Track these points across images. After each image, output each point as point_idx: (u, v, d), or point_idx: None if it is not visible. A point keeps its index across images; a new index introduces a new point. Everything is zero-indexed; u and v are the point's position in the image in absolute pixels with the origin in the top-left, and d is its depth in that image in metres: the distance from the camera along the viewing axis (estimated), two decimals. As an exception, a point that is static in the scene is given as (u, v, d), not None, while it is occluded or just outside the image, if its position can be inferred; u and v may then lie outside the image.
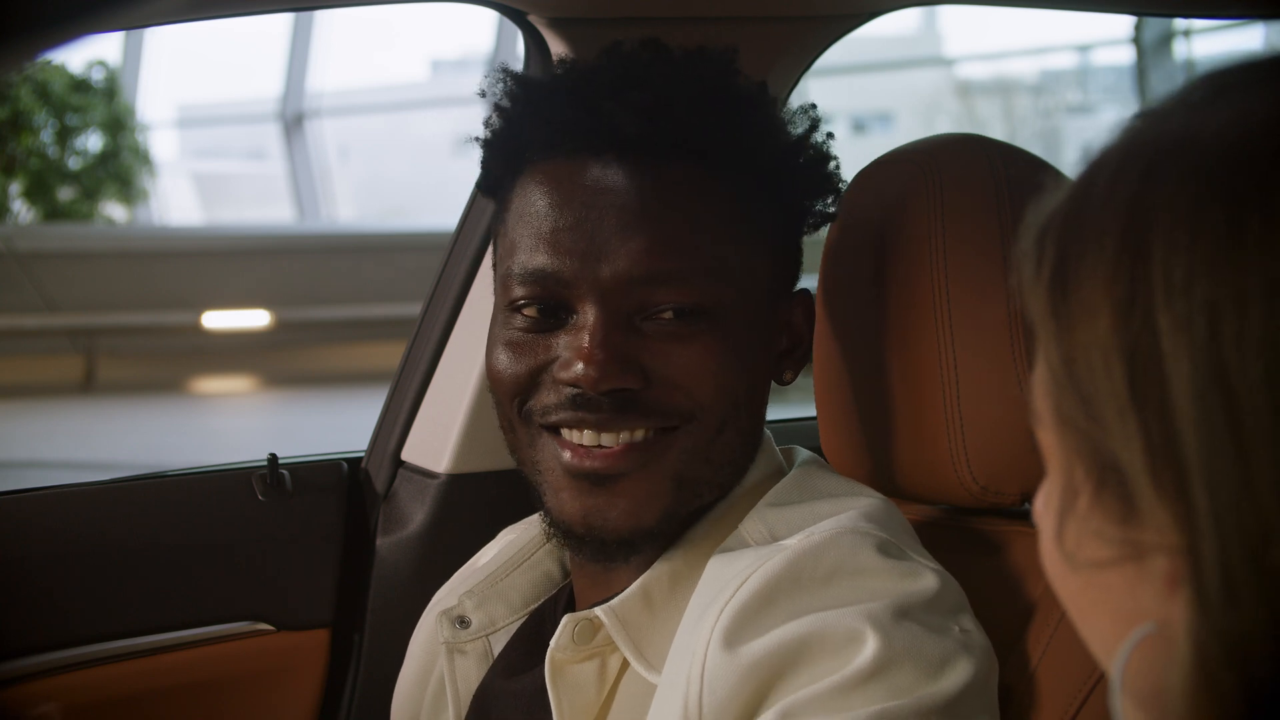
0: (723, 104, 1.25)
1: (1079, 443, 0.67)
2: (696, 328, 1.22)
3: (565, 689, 1.23)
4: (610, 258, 1.21)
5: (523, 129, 1.27)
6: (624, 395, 1.21)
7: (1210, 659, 0.61)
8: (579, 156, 1.23)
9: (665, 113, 1.22)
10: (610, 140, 1.22)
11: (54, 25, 0.74)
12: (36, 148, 11.34)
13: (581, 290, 1.21)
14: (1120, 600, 0.67)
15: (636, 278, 1.21)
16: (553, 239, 1.22)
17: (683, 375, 1.22)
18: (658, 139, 1.22)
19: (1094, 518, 0.67)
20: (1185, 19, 7.24)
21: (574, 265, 1.21)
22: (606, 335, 1.20)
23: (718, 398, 1.23)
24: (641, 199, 1.21)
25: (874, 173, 1.42)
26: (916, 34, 20.66)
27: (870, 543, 1.17)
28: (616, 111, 1.22)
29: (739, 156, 1.25)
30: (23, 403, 9.46)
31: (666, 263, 1.21)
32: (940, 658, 1.10)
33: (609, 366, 1.20)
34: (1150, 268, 0.64)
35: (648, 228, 1.21)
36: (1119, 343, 0.64)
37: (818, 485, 1.28)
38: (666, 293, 1.21)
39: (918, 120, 18.65)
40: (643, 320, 1.22)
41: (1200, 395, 0.62)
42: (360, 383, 8.97)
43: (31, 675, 1.74)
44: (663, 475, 1.23)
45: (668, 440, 1.23)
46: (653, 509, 1.23)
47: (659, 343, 1.22)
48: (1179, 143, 0.66)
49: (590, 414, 1.21)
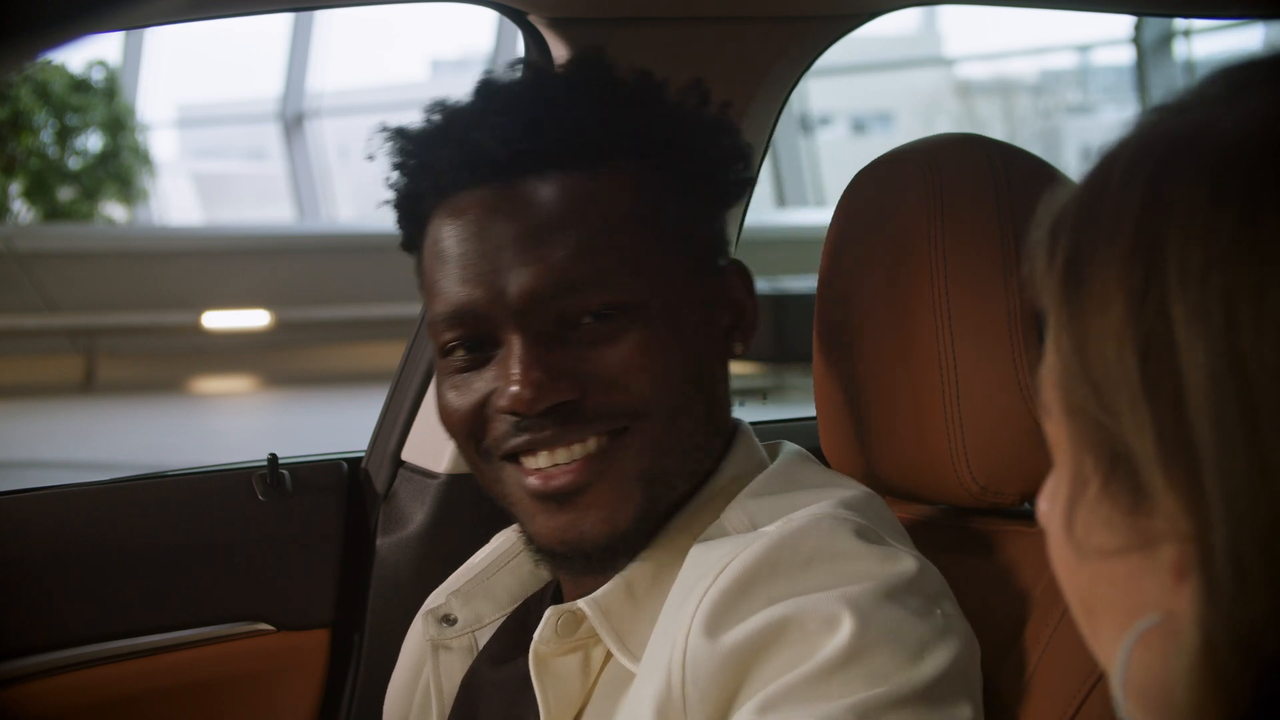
0: (593, 105, 1.27)
1: (1089, 432, 0.67)
2: (620, 325, 1.23)
3: (550, 681, 1.24)
4: (516, 279, 1.22)
5: (416, 179, 1.30)
6: (564, 408, 1.22)
7: (1219, 648, 0.61)
8: (467, 191, 1.25)
9: (532, 130, 1.24)
10: (488, 169, 1.24)
11: (54, 25, 0.74)
12: (36, 148, 11.34)
13: (499, 317, 1.23)
14: (1125, 592, 0.67)
15: (545, 293, 1.22)
16: (461, 275, 1.24)
17: (618, 374, 1.22)
18: (530, 156, 1.24)
19: (1103, 507, 0.67)
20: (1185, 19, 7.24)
21: (485, 295, 1.23)
22: (531, 354, 1.22)
23: (660, 389, 1.23)
24: (532, 216, 1.23)
25: (874, 172, 1.42)
26: (916, 34, 20.66)
27: (848, 528, 1.17)
28: (486, 140, 1.24)
29: (620, 152, 1.26)
30: (23, 403, 9.46)
31: (570, 272, 1.22)
32: (919, 642, 1.11)
33: (540, 385, 1.21)
34: (1165, 257, 0.64)
35: (546, 242, 1.22)
36: (1132, 331, 0.64)
37: (800, 477, 1.28)
38: (580, 299, 1.22)
39: (918, 120, 18.65)
40: (566, 331, 1.23)
41: (1214, 384, 0.62)
42: (360, 383, 8.97)
43: (31, 675, 1.74)
44: (627, 477, 1.23)
45: (622, 442, 1.23)
46: (626, 511, 1.24)
47: (587, 349, 1.23)
48: (1196, 135, 0.66)
49: (537, 435, 1.22)
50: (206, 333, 10.17)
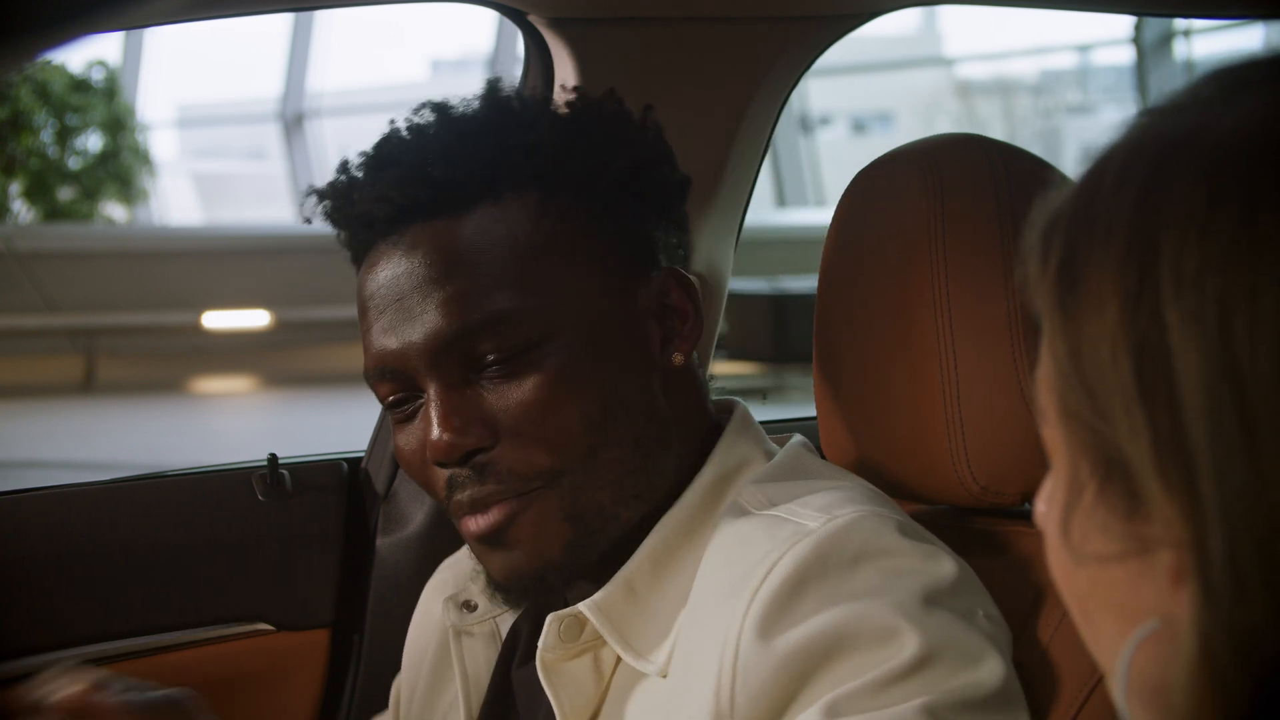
0: (479, 141, 1.26)
1: (1084, 437, 0.67)
2: (525, 364, 1.22)
3: (562, 687, 1.23)
4: (416, 335, 1.22)
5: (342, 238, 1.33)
6: (479, 459, 1.21)
7: (1216, 652, 0.61)
8: (368, 245, 1.28)
9: (409, 182, 1.24)
10: (379, 225, 1.26)
11: (54, 25, 0.74)
12: (36, 148, 11.34)
13: (413, 366, 1.23)
14: (1124, 597, 0.67)
15: (448, 339, 1.21)
16: (377, 331, 1.25)
17: (525, 421, 1.21)
18: (408, 209, 1.24)
19: (1099, 512, 0.67)
20: (1185, 19, 7.24)
21: (397, 346, 1.23)
22: (445, 401, 1.22)
23: (572, 426, 1.22)
24: (426, 264, 1.23)
25: (874, 173, 1.42)
26: (916, 34, 20.67)
27: (891, 524, 1.17)
28: (366, 200, 1.25)
29: (512, 182, 1.25)
30: (23, 403, 9.46)
31: (466, 316, 1.21)
32: (977, 647, 1.12)
33: (453, 432, 1.21)
34: (1160, 260, 0.63)
35: (441, 287, 1.22)
36: (1127, 335, 0.64)
37: (806, 466, 1.28)
38: (482, 343, 1.21)
39: (918, 120, 18.65)
40: (476, 374, 1.23)
41: (1209, 388, 0.61)
42: (360, 383, 8.96)
43: (32, 675, 1.73)
44: (550, 516, 1.23)
45: (541, 494, 1.22)
46: (554, 545, 1.23)
47: (497, 391, 1.22)
48: (1190, 137, 0.65)
49: (463, 493, 1.23)
50: (206, 333, 10.17)
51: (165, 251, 10.32)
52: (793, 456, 1.29)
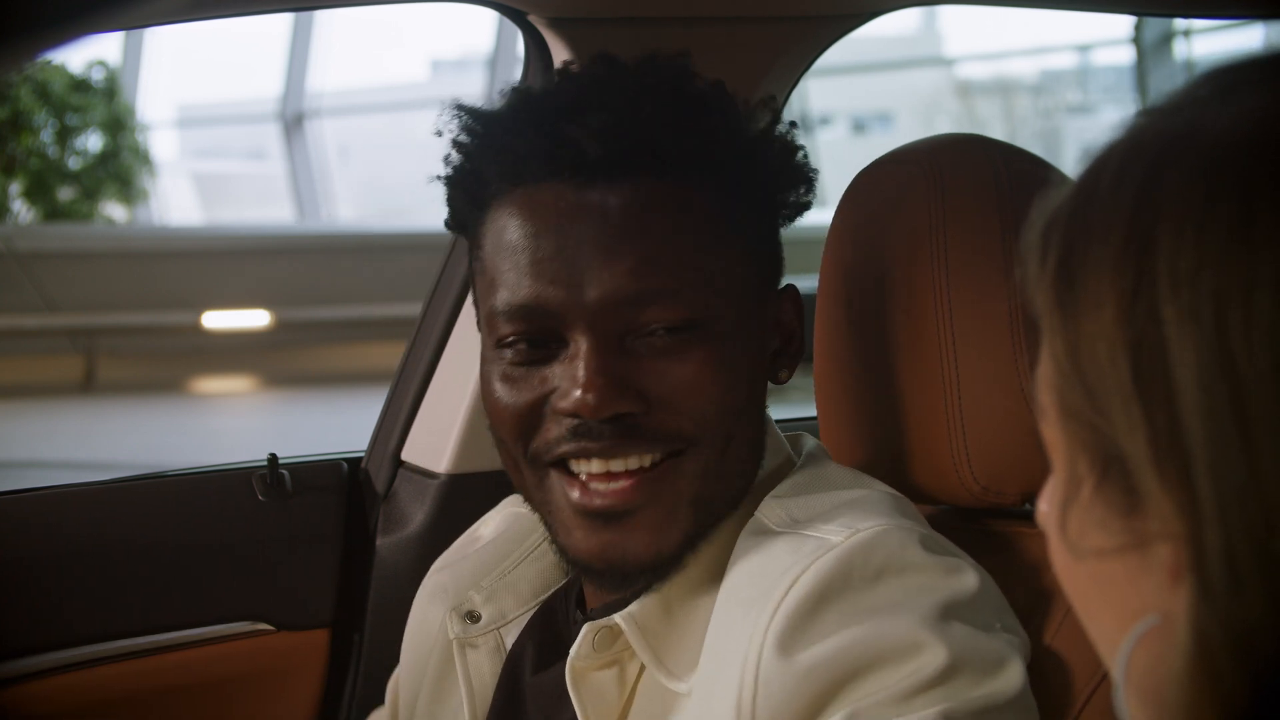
0: (681, 112, 1.24)
1: (1083, 434, 0.67)
2: (689, 342, 1.21)
3: (588, 695, 1.23)
4: (595, 283, 1.19)
5: (486, 161, 1.26)
6: (625, 421, 1.20)
7: (1213, 648, 0.61)
8: (547, 183, 1.22)
9: (627, 131, 1.21)
10: (576, 164, 1.21)
11: (54, 25, 0.74)
12: (36, 148, 11.33)
13: (570, 319, 1.20)
14: (1123, 593, 0.67)
15: (624, 300, 1.20)
16: (534, 271, 1.21)
17: (680, 395, 1.21)
18: (623, 158, 1.21)
19: (1096, 508, 0.67)
20: (1185, 19, 7.24)
21: (559, 294, 1.20)
22: (601, 361, 1.19)
23: (719, 413, 1.22)
24: (618, 219, 1.21)
25: (874, 173, 1.42)
26: (916, 34, 20.65)
27: (915, 539, 1.17)
28: (579, 135, 1.20)
29: (706, 163, 1.24)
30: (23, 403, 9.46)
31: (651, 281, 1.20)
32: (997, 658, 1.12)
33: (606, 392, 1.18)
34: (1156, 258, 0.64)
35: (629, 247, 1.20)
36: (1124, 333, 0.64)
37: (829, 476, 1.28)
38: (655, 311, 1.20)
39: (918, 120, 18.64)
40: (634, 341, 1.21)
41: (1205, 384, 0.62)
42: (360, 383, 8.97)
43: (31, 675, 1.74)
44: (678, 501, 1.21)
45: (676, 465, 1.21)
46: (673, 536, 1.22)
47: (653, 361, 1.21)
48: (1187, 136, 0.66)
49: (593, 443, 1.20)
50: (206, 333, 10.17)
51: (165, 251, 10.32)
52: (812, 468, 1.29)
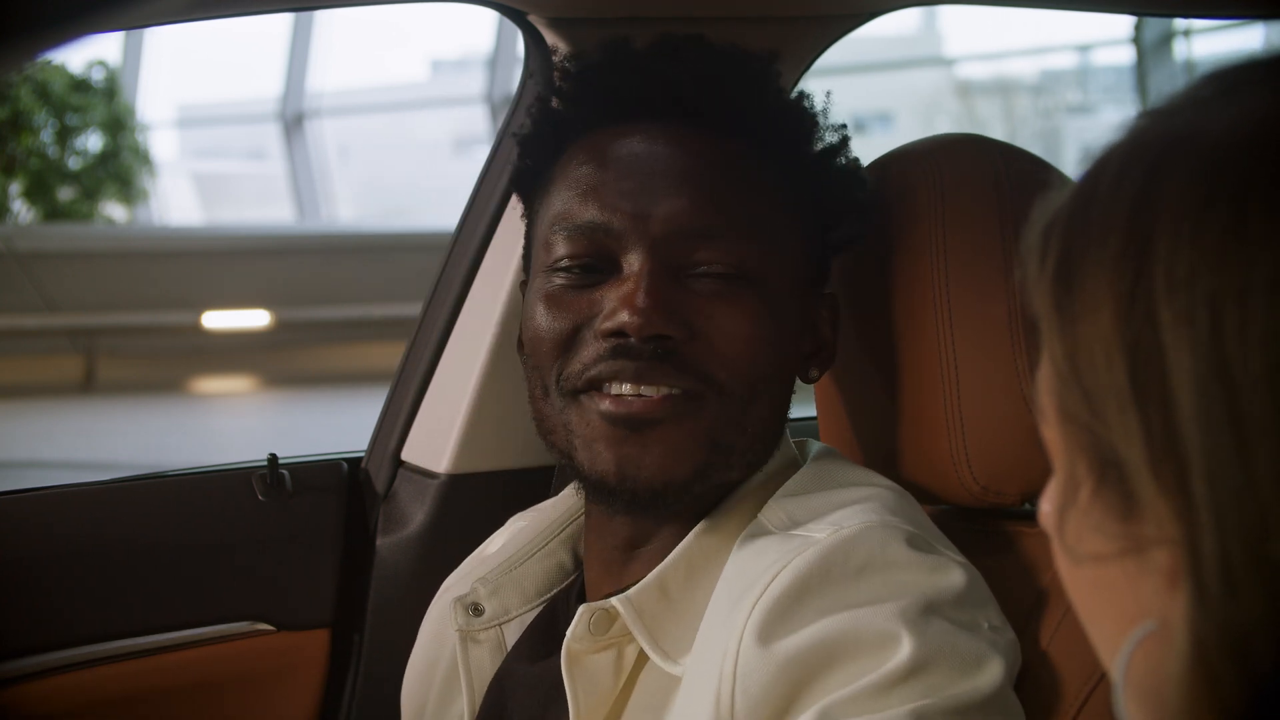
0: (774, 93, 1.31)
1: (1081, 438, 0.67)
2: (740, 291, 1.24)
3: (581, 679, 1.23)
4: (660, 210, 1.23)
5: (572, 106, 1.31)
6: (665, 345, 1.22)
7: (1210, 652, 0.61)
8: (629, 123, 1.27)
9: (724, 84, 1.27)
10: (669, 105, 1.27)
11: (54, 25, 0.74)
12: (36, 148, 11.33)
13: (630, 241, 1.23)
14: (1122, 598, 0.67)
15: (686, 231, 1.23)
16: (601, 193, 1.25)
17: (721, 336, 1.23)
18: (716, 107, 1.26)
19: (1094, 512, 0.67)
20: (1185, 19, 7.23)
21: (623, 217, 1.24)
22: (654, 283, 1.22)
23: (750, 365, 1.24)
24: (695, 160, 1.25)
25: (874, 173, 1.42)
26: (916, 34, 20.64)
27: (899, 536, 1.17)
28: (680, 78, 1.26)
29: (787, 144, 1.30)
30: (23, 403, 9.46)
31: (717, 219, 1.24)
32: (975, 656, 1.11)
33: (654, 313, 1.21)
34: (1153, 262, 0.64)
35: (699, 185, 1.24)
36: (1121, 337, 0.64)
37: (834, 475, 1.28)
38: (714, 250, 1.23)
39: (918, 120, 18.64)
40: (688, 276, 1.24)
41: (1201, 388, 0.62)
42: (360, 383, 8.97)
43: (31, 675, 1.74)
44: (697, 431, 1.23)
45: (702, 403, 1.23)
46: (686, 462, 1.23)
47: (703, 300, 1.23)
48: (1185, 139, 0.66)
49: (630, 362, 1.21)
50: (206, 333, 10.17)
51: (165, 251, 10.31)
52: (818, 467, 1.29)
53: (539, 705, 1.31)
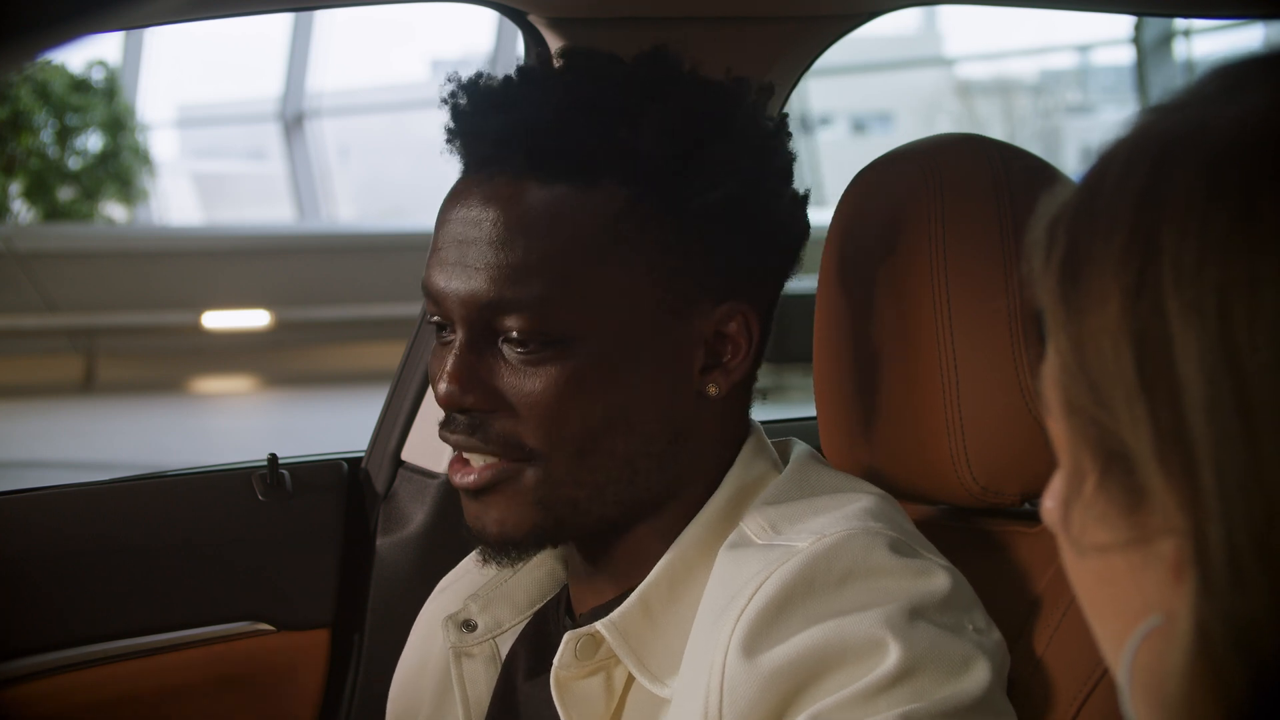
0: (593, 117, 1.21)
1: (1087, 430, 0.67)
2: (540, 357, 1.21)
3: (573, 704, 1.23)
4: (464, 280, 1.22)
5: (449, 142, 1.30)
6: (476, 417, 1.23)
7: (1215, 642, 0.61)
8: (469, 175, 1.26)
9: (527, 133, 1.20)
10: (477, 160, 1.25)
11: (54, 25, 0.74)
12: (36, 148, 11.33)
13: (449, 309, 1.24)
14: (1127, 591, 0.67)
15: (480, 302, 1.22)
16: (437, 257, 1.25)
17: (523, 404, 1.22)
18: (518, 160, 1.21)
19: (1099, 503, 0.67)
20: (1185, 19, 7.24)
21: (444, 284, 1.24)
22: (461, 355, 1.23)
23: (562, 432, 1.21)
24: (500, 221, 1.21)
25: (874, 173, 1.42)
26: (916, 34, 20.65)
27: (882, 542, 1.17)
28: (478, 132, 1.24)
29: (618, 172, 1.21)
30: (23, 403, 9.46)
31: (510, 290, 1.20)
32: (962, 658, 1.11)
33: (457, 386, 1.22)
34: (1160, 253, 0.64)
35: (498, 252, 1.21)
36: (1128, 328, 0.64)
37: (816, 481, 1.27)
38: (510, 321, 1.21)
39: (918, 120, 18.65)
40: (503, 344, 1.23)
41: (1209, 378, 0.62)
42: (360, 384, 8.97)
43: (31, 675, 1.74)
44: (522, 498, 1.24)
45: (519, 468, 1.23)
46: (520, 525, 1.25)
47: (511, 369, 1.22)
48: (1192, 131, 0.66)
49: (450, 432, 1.25)
50: (206, 333, 10.17)
51: (165, 251, 10.32)
52: (798, 473, 1.28)
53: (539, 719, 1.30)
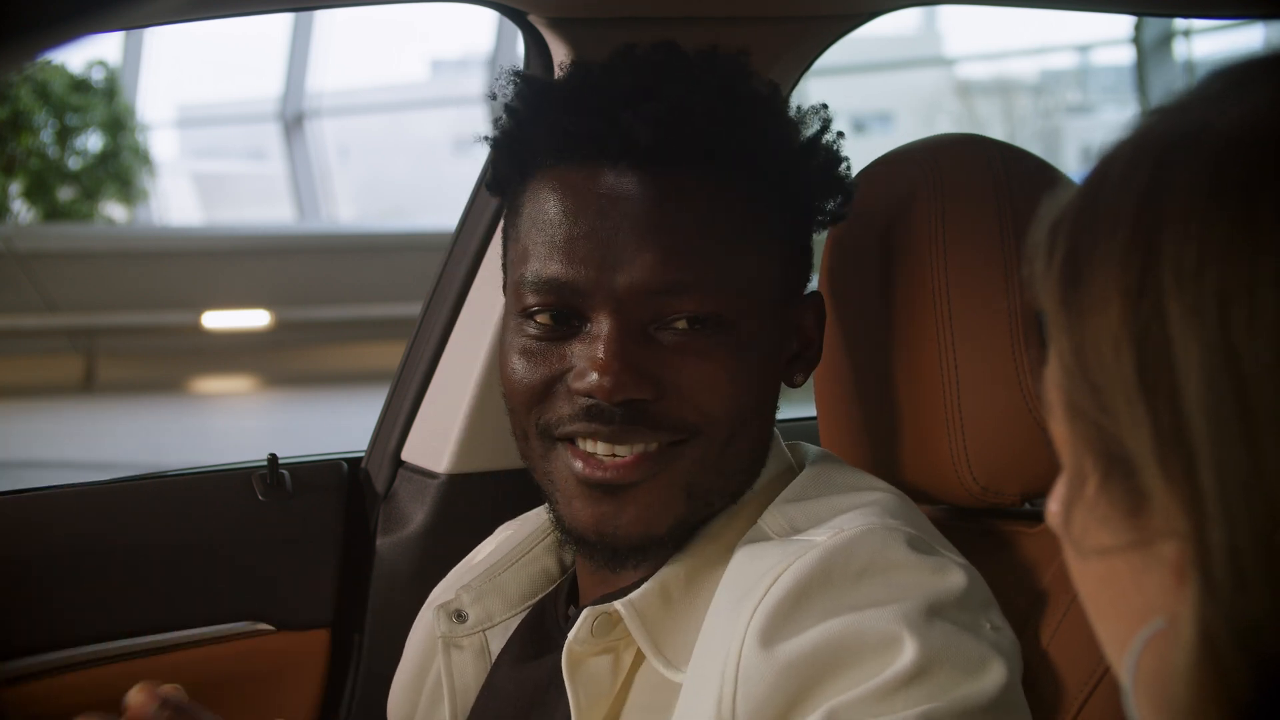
0: (737, 109, 1.25)
1: (1088, 432, 0.67)
2: (710, 339, 1.22)
3: (582, 680, 1.23)
4: (625, 267, 1.21)
5: (535, 132, 1.26)
6: (636, 406, 1.21)
7: (1218, 645, 0.61)
8: (593, 163, 1.23)
9: (680, 121, 1.21)
10: (625, 149, 1.22)
11: (54, 25, 0.74)
12: (36, 148, 11.34)
13: (596, 300, 1.21)
14: (1129, 594, 0.67)
15: (652, 288, 1.20)
16: (567, 247, 1.22)
17: (695, 388, 1.22)
18: (673, 148, 1.21)
19: (1100, 505, 0.67)
20: (1185, 19, 7.23)
21: (589, 274, 1.21)
22: (621, 345, 1.20)
23: (728, 410, 1.23)
24: (657, 208, 1.21)
25: (874, 173, 1.42)
26: (916, 34, 20.66)
27: (900, 538, 1.17)
28: (632, 121, 1.21)
29: (753, 162, 1.25)
30: (23, 403, 9.46)
31: (681, 273, 1.21)
32: (979, 657, 1.11)
33: (623, 377, 1.19)
34: (1161, 255, 0.64)
35: (663, 238, 1.21)
36: (1129, 330, 0.64)
37: (833, 480, 1.28)
38: (681, 303, 1.21)
39: (918, 120, 18.65)
40: (656, 330, 1.22)
41: (1209, 380, 0.62)
42: (360, 384, 8.97)
43: (31, 675, 1.74)
44: (674, 485, 1.23)
45: (677, 451, 1.23)
46: (664, 517, 1.23)
47: (673, 353, 1.22)
48: (1192, 133, 0.66)
49: (603, 425, 1.21)
50: (206, 333, 10.17)
51: (165, 251, 10.32)
52: (817, 472, 1.29)
53: (529, 704, 1.31)
